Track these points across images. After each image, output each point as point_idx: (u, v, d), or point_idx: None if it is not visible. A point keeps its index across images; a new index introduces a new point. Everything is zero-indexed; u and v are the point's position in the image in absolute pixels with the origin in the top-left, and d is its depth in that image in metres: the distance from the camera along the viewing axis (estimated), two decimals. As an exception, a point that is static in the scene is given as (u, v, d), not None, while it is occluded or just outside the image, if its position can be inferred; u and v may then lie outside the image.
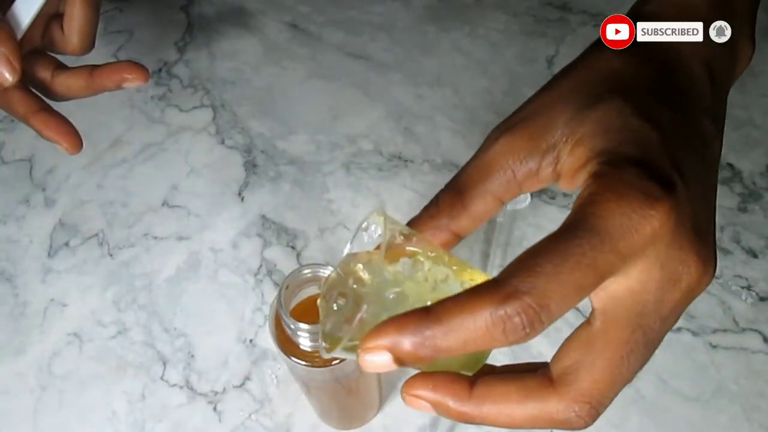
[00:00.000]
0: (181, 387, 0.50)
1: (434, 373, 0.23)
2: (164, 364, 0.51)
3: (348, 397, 0.42)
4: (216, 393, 0.50)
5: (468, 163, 0.26)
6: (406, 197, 0.58)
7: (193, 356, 0.51)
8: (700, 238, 0.21)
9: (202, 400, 0.49)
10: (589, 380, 0.22)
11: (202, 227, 0.58)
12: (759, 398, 0.47)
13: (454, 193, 0.26)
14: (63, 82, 0.41)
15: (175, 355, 0.52)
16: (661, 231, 0.20)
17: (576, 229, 0.20)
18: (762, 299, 0.52)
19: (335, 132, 0.63)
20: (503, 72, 0.66)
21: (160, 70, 0.69)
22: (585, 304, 0.22)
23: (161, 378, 0.51)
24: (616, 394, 0.22)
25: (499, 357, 0.49)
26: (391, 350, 0.20)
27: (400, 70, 0.67)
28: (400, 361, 0.20)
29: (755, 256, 0.54)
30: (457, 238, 0.27)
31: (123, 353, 0.52)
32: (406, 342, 0.20)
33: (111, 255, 0.57)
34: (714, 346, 0.50)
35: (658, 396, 0.47)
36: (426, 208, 0.27)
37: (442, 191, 0.26)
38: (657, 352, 0.23)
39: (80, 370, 0.52)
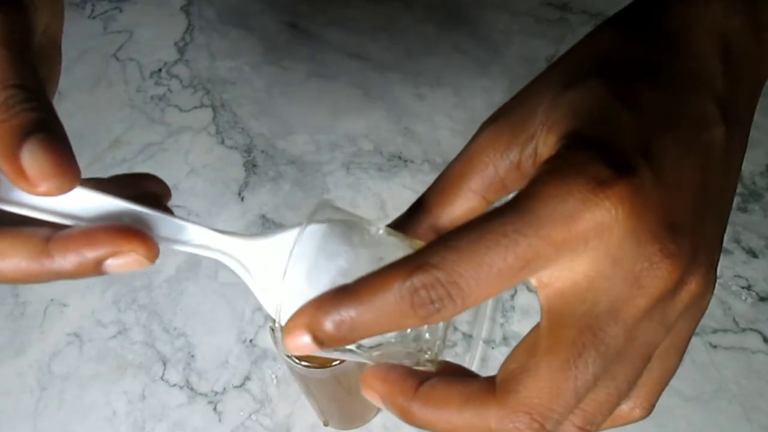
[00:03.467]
0: (181, 387, 0.50)
1: (392, 366, 0.22)
2: (164, 364, 0.51)
3: (348, 397, 0.42)
4: (216, 393, 0.50)
5: (453, 160, 0.24)
6: (406, 197, 0.58)
7: (193, 356, 0.51)
8: (673, 233, 0.19)
9: (202, 400, 0.49)
10: (530, 387, 0.19)
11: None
12: (759, 398, 0.47)
13: (438, 191, 0.24)
14: None
15: (175, 355, 0.52)
16: (611, 222, 0.18)
17: (506, 209, 0.18)
18: (762, 299, 0.52)
19: (335, 132, 0.63)
20: (503, 72, 0.66)
21: (160, 70, 0.69)
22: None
23: (161, 378, 0.51)
24: (566, 409, 0.19)
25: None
26: (310, 330, 0.19)
27: (400, 70, 0.67)
28: (320, 341, 0.19)
29: (755, 256, 0.54)
30: None
31: (123, 353, 0.52)
32: (324, 321, 0.19)
33: (111, 255, 0.57)
34: (714, 346, 0.50)
35: (658, 396, 0.47)
36: (411, 209, 0.25)
37: (427, 190, 0.25)
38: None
39: (80, 370, 0.51)
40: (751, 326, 0.51)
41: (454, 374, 0.22)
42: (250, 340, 0.52)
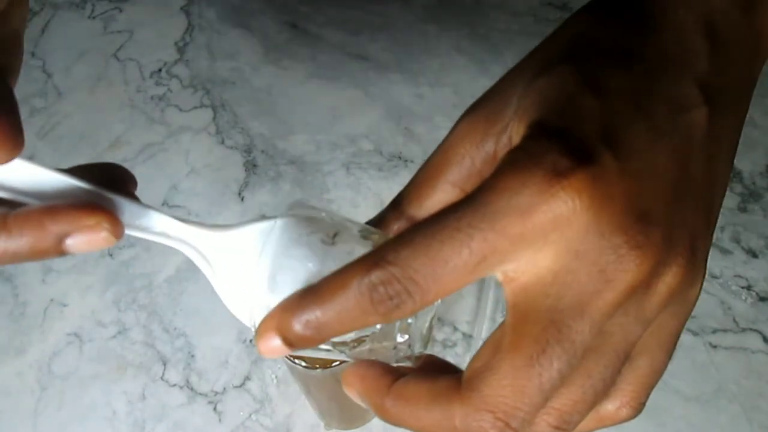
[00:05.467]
0: (181, 387, 0.50)
1: (371, 363, 0.22)
2: (164, 364, 0.51)
3: (348, 397, 0.42)
4: (216, 393, 0.50)
5: (432, 153, 0.24)
6: (406, 197, 0.58)
7: (193, 356, 0.51)
8: (642, 223, 0.18)
9: (202, 400, 0.49)
10: (493, 385, 0.18)
11: (202, 227, 0.58)
12: (759, 398, 0.47)
13: (416, 186, 0.24)
14: None
15: (175, 355, 0.52)
16: (570, 214, 0.17)
17: (461, 203, 0.18)
18: (762, 299, 0.52)
19: (335, 132, 0.63)
20: (503, 72, 0.65)
21: (160, 70, 0.69)
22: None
23: (161, 378, 0.51)
24: (532, 407, 0.18)
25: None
26: (280, 333, 0.19)
27: (400, 70, 0.67)
28: (290, 343, 0.19)
29: (755, 256, 0.54)
30: None
31: (123, 353, 0.52)
32: (293, 323, 0.19)
33: (111, 255, 0.57)
34: (714, 346, 0.50)
35: (658, 396, 0.47)
36: (391, 204, 0.25)
37: (406, 186, 0.24)
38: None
39: (80, 370, 0.52)
40: (751, 326, 0.51)
41: (436, 370, 0.22)
42: (250, 340, 0.52)
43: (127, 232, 0.22)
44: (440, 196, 0.23)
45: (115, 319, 0.53)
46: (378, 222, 0.24)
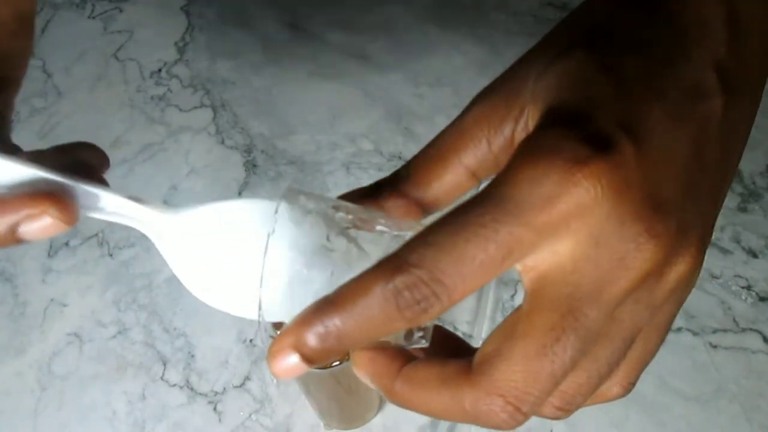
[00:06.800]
0: (181, 387, 0.50)
1: (382, 345, 0.22)
2: (164, 364, 0.51)
3: (348, 397, 0.42)
4: (216, 393, 0.50)
5: (443, 131, 0.23)
6: (406, 197, 0.58)
7: (193, 356, 0.51)
8: (660, 211, 0.18)
9: (202, 400, 0.49)
10: (505, 370, 0.18)
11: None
12: (759, 398, 0.47)
13: (427, 163, 0.23)
14: None
15: (175, 355, 0.52)
16: (592, 202, 0.17)
17: (482, 197, 0.18)
18: (762, 299, 0.52)
19: (335, 132, 0.63)
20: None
21: (160, 70, 0.69)
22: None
23: (161, 378, 0.51)
24: (542, 392, 0.18)
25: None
26: (297, 349, 0.18)
27: (400, 70, 0.67)
28: (308, 359, 0.19)
29: (755, 256, 0.54)
30: (422, 212, 0.24)
31: (123, 353, 0.52)
32: (311, 336, 0.18)
33: (111, 255, 0.57)
34: (714, 346, 0.50)
35: (658, 396, 0.47)
36: (394, 178, 0.24)
37: (413, 160, 0.24)
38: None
39: (80, 370, 0.52)
40: (751, 326, 0.51)
41: (446, 347, 0.22)
42: (250, 340, 0.52)
43: (89, 214, 0.23)
44: (451, 178, 0.23)
45: (115, 319, 0.53)
46: (371, 197, 0.24)
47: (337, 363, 0.34)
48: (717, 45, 0.20)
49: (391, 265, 0.18)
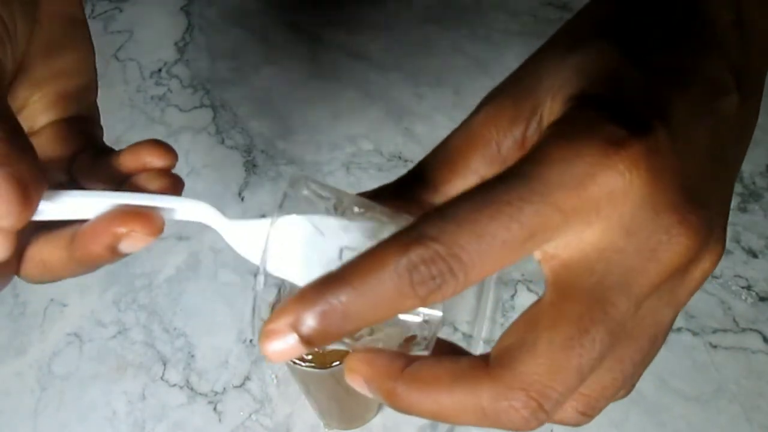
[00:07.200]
0: (181, 387, 0.50)
1: (379, 349, 0.20)
2: (164, 364, 0.51)
3: (348, 397, 0.42)
4: (216, 393, 0.50)
5: (451, 134, 0.23)
6: (406, 197, 0.58)
7: (193, 356, 0.51)
8: (693, 203, 0.17)
9: (202, 400, 0.49)
10: (528, 363, 0.17)
11: (202, 227, 0.58)
12: (759, 398, 0.47)
13: (436, 168, 0.22)
14: (36, 256, 0.26)
15: (175, 355, 0.52)
16: (626, 186, 0.16)
17: (509, 175, 0.17)
18: (762, 299, 0.52)
19: (335, 132, 0.63)
20: (503, 72, 0.65)
21: (160, 70, 0.69)
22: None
23: (161, 378, 0.51)
24: (567, 389, 0.17)
25: None
26: (295, 328, 0.17)
27: (400, 70, 0.67)
28: (307, 340, 0.17)
29: (755, 256, 0.54)
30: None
31: (123, 353, 0.52)
32: (312, 315, 0.17)
33: (111, 255, 0.57)
34: (714, 346, 0.50)
35: (658, 396, 0.47)
36: (404, 181, 0.23)
37: (422, 164, 0.23)
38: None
39: (80, 370, 0.51)
40: (751, 326, 0.51)
41: (446, 351, 0.21)
42: (250, 340, 0.52)
43: (168, 218, 0.25)
44: (460, 181, 0.22)
45: (115, 319, 0.53)
46: (391, 196, 0.23)
47: (337, 363, 0.34)
48: (729, 46, 0.20)
49: (408, 237, 0.16)
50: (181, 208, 0.26)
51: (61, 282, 0.25)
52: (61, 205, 0.23)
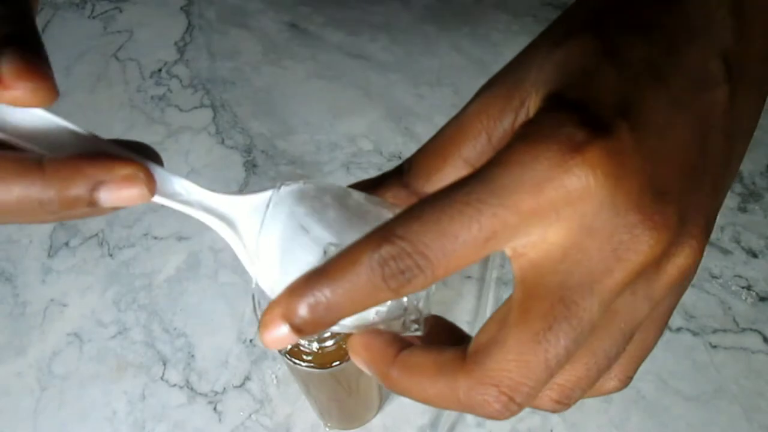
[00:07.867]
0: (181, 387, 0.50)
1: (377, 332, 0.22)
2: (164, 364, 0.51)
3: (348, 397, 0.42)
4: (216, 393, 0.50)
5: (445, 125, 0.23)
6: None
7: (193, 356, 0.51)
8: (658, 201, 0.17)
9: (202, 400, 0.49)
10: (498, 360, 0.18)
11: (202, 227, 0.58)
12: (759, 398, 0.47)
13: (427, 157, 0.23)
14: None
15: (175, 355, 0.52)
16: (585, 189, 0.17)
17: (471, 178, 0.17)
18: (762, 299, 0.52)
19: (335, 132, 0.63)
20: (503, 72, 0.66)
21: (160, 70, 0.69)
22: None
23: (161, 378, 0.51)
24: (537, 382, 0.18)
25: None
26: (287, 319, 0.19)
27: (400, 70, 0.67)
28: (298, 329, 0.19)
29: (755, 256, 0.54)
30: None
31: (123, 353, 0.52)
32: (301, 306, 0.18)
33: (111, 255, 0.57)
34: (714, 346, 0.50)
35: (658, 396, 0.47)
36: (396, 171, 0.24)
37: (415, 154, 0.24)
38: (657, 352, 0.21)
39: (80, 370, 0.52)
40: (751, 326, 0.51)
41: (443, 335, 0.22)
42: (250, 340, 0.52)
43: (156, 198, 0.22)
44: (450, 171, 0.22)
45: (115, 319, 0.53)
46: (374, 187, 0.24)
47: (337, 363, 0.34)
48: (724, 33, 0.20)
49: (379, 236, 0.18)
50: (179, 187, 0.24)
51: (61, 282, 0.24)
52: (45, 128, 0.20)
